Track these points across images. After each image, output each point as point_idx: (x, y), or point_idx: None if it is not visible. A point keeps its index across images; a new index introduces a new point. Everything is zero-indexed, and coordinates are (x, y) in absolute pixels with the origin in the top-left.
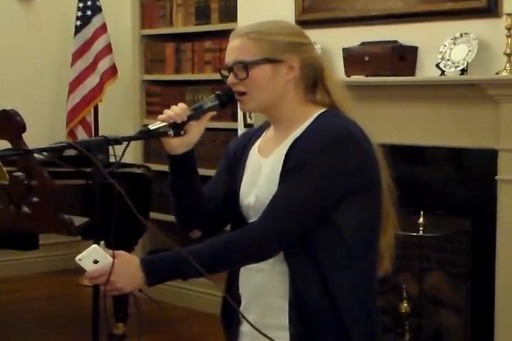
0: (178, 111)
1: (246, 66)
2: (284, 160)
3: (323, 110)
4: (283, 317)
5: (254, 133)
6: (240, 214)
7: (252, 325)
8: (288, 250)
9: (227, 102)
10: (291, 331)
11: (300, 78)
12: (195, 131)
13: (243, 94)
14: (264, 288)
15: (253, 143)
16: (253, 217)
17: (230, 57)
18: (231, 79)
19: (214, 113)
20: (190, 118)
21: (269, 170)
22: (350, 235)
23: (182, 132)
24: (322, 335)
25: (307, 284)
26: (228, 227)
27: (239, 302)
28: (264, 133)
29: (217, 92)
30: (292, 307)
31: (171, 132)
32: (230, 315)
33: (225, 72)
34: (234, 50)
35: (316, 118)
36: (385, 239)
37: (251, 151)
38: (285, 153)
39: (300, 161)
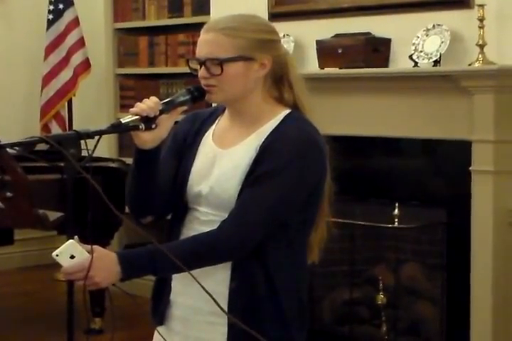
0: (150, 104)
1: (221, 63)
2: (254, 163)
3: (288, 111)
4: (222, 303)
5: (206, 119)
6: (183, 201)
7: (235, 320)
8: None
9: (199, 97)
10: (229, 318)
11: (268, 74)
12: (166, 125)
13: (213, 86)
14: (204, 274)
15: (206, 130)
16: (202, 206)
17: (202, 51)
18: (202, 73)
19: (185, 108)
20: (161, 112)
21: (230, 164)
22: (293, 229)
23: (153, 126)
24: (260, 323)
25: (249, 273)
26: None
27: (169, 287)
28: (217, 121)
29: (189, 87)
30: (233, 294)
31: (142, 126)
32: (160, 298)
33: (193, 65)
34: (207, 44)
35: (283, 120)
36: (316, 233)
37: (204, 138)
38: (255, 154)
39: (272, 168)
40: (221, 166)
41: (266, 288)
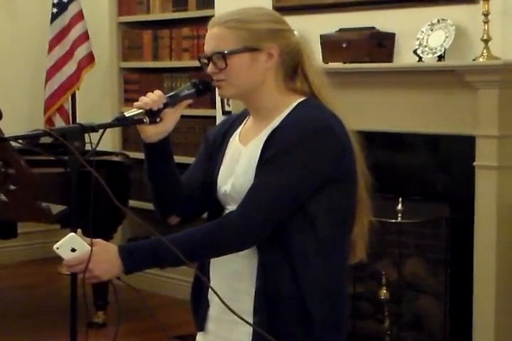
0: (154, 98)
1: (224, 56)
2: (262, 150)
3: (302, 99)
4: (248, 302)
5: (235, 120)
6: (216, 202)
7: (229, 309)
8: None
9: (204, 91)
10: (255, 317)
11: (279, 65)
12: (171, 118)
13: (222, 80)
14: (233, 273)
15: (234, 131)
16: (231, 205)
17: (208, 47)
18: (211, 68)
19: (190, 101)
20: (166, 105)
21: (247, 159)
22: (322, 224)
23: (158, 119)
24: (286, 323)
25: (275, 272)
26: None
27: (206, 287)
28: (245, 121)
29: (194, 80)
30: (258, 293)
31: (146, 119)
32: (199, 298)
33: (204, 60)
34: (212, 39)
35: (295, 107)
36: (357, 227)
37: (231, 139)
38: (263, 142)
39: (279, 152)
40: (241, 162)
41: (291, 289)
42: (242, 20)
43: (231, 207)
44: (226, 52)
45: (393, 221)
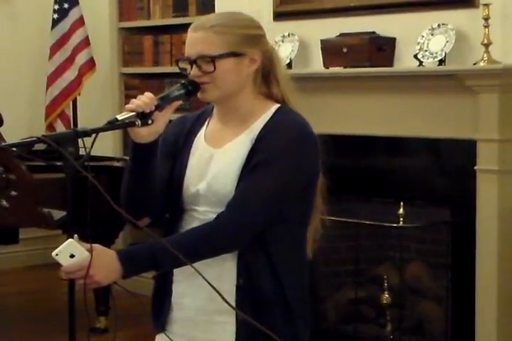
0: (146, 100)
1: (213, 60)
2: (250, 155)
3: (278, 106)
4: (230, 301)
5: (195, 121)
6: (180, 202)
7: (222, 296)
8: None
9: (193, 91)
10: (238, 315)
11: (258, 70)
12: (162, 120)
13: (207, 83)
14: (214, 276)
15: (197, 131)
16: (200, 205)
17: (193, 50)
18: (195, 71)
19: (180, 102)
20: (157, 107)
21: (226, 161)
22: (296, 224)
23: (150, 121)
24: (269, 319)
25: (256, 270)
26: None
27: (170, 290)
28: (207, 122)
29: (183, 81)
30: (240, 291)
31: (138, 122)
32: (162, 301)
33: (183, 65)
34: (197, 42)
35: (275, 113)
36: (311, 225)
37: (196, 139)
38: (250, 146)
39: (268, 157)
40: (217, 164)
41: (273, 284)
42: (227, 25)
43: (200, 208)
44: (214, 55)
45: (395, 225)
